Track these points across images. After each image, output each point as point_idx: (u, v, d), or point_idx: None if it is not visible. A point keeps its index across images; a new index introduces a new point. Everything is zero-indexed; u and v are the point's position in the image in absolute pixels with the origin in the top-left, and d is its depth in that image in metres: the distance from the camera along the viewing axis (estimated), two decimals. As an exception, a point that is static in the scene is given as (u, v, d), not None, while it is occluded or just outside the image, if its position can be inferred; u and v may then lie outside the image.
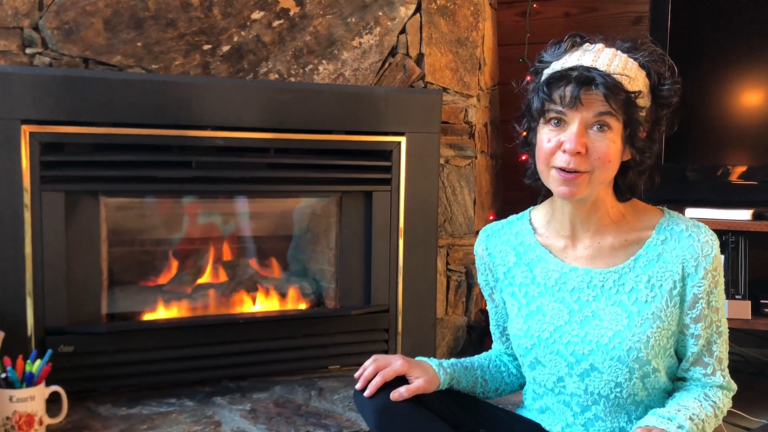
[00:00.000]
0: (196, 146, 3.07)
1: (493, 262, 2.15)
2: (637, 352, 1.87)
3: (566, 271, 2.00)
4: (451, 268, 3.71)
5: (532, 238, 2.08)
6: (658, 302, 1.90)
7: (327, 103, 3.21)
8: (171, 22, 3.14)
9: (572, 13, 4.39)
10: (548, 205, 2.09)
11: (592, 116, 1.81)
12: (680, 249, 1.90)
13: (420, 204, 3.42)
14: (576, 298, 1.97)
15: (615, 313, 1.92)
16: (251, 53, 3.28)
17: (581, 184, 1.84)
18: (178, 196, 3.35)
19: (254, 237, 3.63)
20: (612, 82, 1.80)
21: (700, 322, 1.91)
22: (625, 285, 1.93)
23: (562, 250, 2.03)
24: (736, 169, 3.51)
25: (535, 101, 1.89)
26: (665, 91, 1.89)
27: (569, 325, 1.96)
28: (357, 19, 3.45)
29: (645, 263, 1.93)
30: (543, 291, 2.03)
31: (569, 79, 1.81)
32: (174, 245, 3.48)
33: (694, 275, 1.89)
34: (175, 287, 3.41)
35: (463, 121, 3.66)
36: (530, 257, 2.07)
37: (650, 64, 1.88)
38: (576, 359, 1.94)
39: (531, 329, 2.01)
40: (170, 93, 2.97)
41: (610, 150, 1.82)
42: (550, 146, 1.85)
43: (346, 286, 3.45)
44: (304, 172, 3.25)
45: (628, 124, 1.84)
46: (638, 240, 1.96)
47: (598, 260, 1.98)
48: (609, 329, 1.90)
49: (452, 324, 3.73)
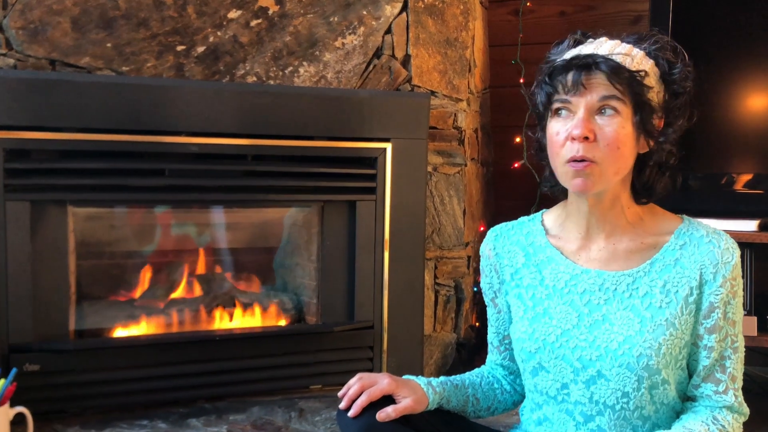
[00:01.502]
0: (170, 153, 3.08)
1: (500, 263, 2.15)
2: (648, 360, 1.87)
3: (577, 273, 2.01)
4: (440, 282, 3.73)
5: (543, 239, 2.10)
6: (672, 309, 1.90)
7: (308, 108, 3.23)
8: (143, 22, 3.16)
9: (568, 11, 4.39)
10: (562, 207, 2.12)
11: (597, 100, 1.84)
12: (699, 255, 1.91)
13: (406, 214, 3.44)
14: (586, 301, 1.98)
15: (627, 318, 1.92)
16: (228, 54, 3.30)
17: (593, 174, 1.85)
18: (151, 206, 3.35)
19: (231, 249, 3.64)
20: (614, 63, 1.83)
21: (715, 333, 1.91)
22: (639, 289, 1.94)
23: (574, 252, 2.04)
24: (741, 177, 3.48)
25: (540, 96, 1.93)
26: (676, 74, 1.91)
27: (577, 329, 1.96)
28: (340, 18, 3.47)
29: (661, 268, 1.94)
30: (551, 293, 2.03)
31: (570, 66, 1.86)
32: (146, 258, 3.48)
33: (712, 282, 1.90)
34: (147, 302, 3.42)
35: (452, 126, 3.68)
36: (540, 258, 2.08)
37: (657, 52, 1.91)
38: (582, 365, 1.94)
39: (536, 332, 2.01)
40: (142, 96, 2.99)
41: (619, 135, 1.84)
42: (559, 138, 1.88)
43: (328, 301, 3.46)
44: (284, 180, 3.27)
45: (637, 108, 1.85)
46: (655, 244, 1.97)
47: (612, 263, 1.99)
48: (619, 334, 1.91)
49: (441, 341, 3.74)
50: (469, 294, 3.82)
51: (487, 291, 2.22)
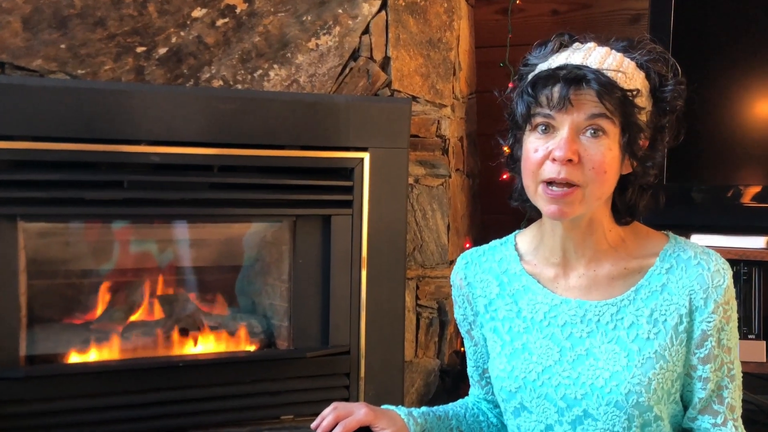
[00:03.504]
0: (129, 163, 3.09)
1: (472, 294, 2.14)
2: (638, 397, 1.85)
3: (557, 304, 1.98)
4: (422, 303, 3.74)
5: (517, 266, 2.08)
6: (661, 340, 1.88)
7: (279, 114, 3.23)
8: (100, 21, 3.17)
9: (561, 10, 4.41)
10: (536, 228, 2.09)
11: (584, 119, 1.81)
12: (687, 279, 1.89)
13: (386, 230, 3.45)
14: (568, 335, 1.95)
15: (612, 352, 1.90)
16: (192, 56, 3.32)
17: (573, 201, 1.83)
18: (108, 221, 3.34)
19: (195, 268, 3.64)
20: (605, 79, 1.80)
21: (710, 363, 1.90)
22: (624, 320, 1.91)
23: (552, 280, 2.02)
24: (748, 189, 3.49)
25: (520, 106, 1.88)
26: (668, 92, 1.90)
27: (560, 366, 1.94)
28: (313, 17, 3.49)
29: (647, 295, 1.92)
30: (530, 326, 2.00)
31: (557, 79, 1.82)
32: (103, 277, 3.47)
33: (703, 309, 1.88)
34: (104, 325, 3.40)
35: (435, 134, 3.70)
36: (515, 287, 2.06)
37: (649, 63, 1.90)
38: (567, 404, 1.92)
39: (515, 370, 1.99)
40: (99, 102, 2.98)
41: (605, 158, 1.81)
42: (537, 156, 1.85)
43: (300, 325, 3.46)
44: (253, 193, 3.28)
45: (626, 128, 1.83)
46: (639, 268, 1.95)
47: (593, 291, 1.96)
48: (605, 370, 1.88)
49: (423, 368, 3.76)
50: (453, 317, 3.74)
51: (462, 323, 2.21)
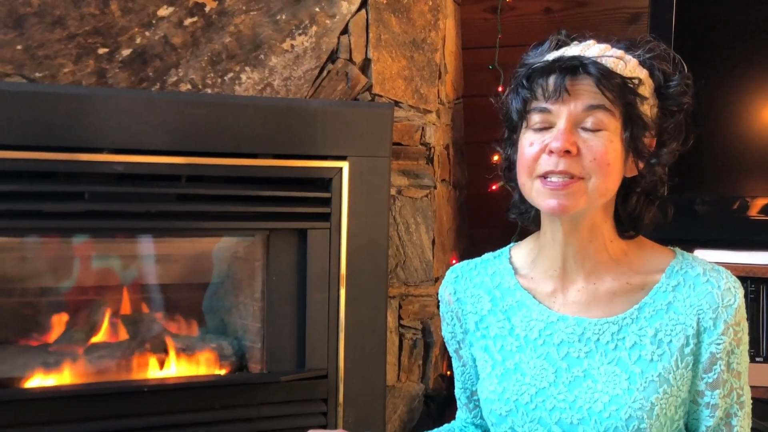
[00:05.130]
0: (90, 173, 3.08)
1: (462, 310, 2.14)
2: (639, 423, 1.84)
3: (553, 321, 1.98)
4: (405, 323, 3.74)
5: (512, 280, 2.08)
6: (666, 362, 1.88)
7: (251, 121, 3.23)
8: (59, 20, 3.17)
9: (554, 8, 4.43)
10: (534, 240, 2.10)
11: (582, 109, 1.82)
12: (695, 297, 1.89)
13: (366, 245, 3.45)
14: (564, 354, 1.95)
15: (612, 374, 1.89)
16: (157, 58, 3.32)
17: (576, 193, 1.83)
18: (68, 235, 3.34)
19: (162, 285, 3.63)
20: (604, 66, 1.82)
21: (718, 388, 1.90)
22: (626, 340, 1.91)
23: (549, 295, 2.02)
24: (756, 201, 3.49)
25: (515, 101, 1.91)
26: (673, 88, 1.91)
27: (555, 388, 1.93)
28: (288, 16, 3.49)
29: (651, 313, 1.92)
30: (523, 345, 2.00)
31: (552, 69, 1.84)
32: (63, 295, 3.46)
33: (711, 330, 1.88)
34: (64, 347, 3.39)
35: (419, 142, 3.71)
36: (509, 303, 2.06)
37: (652, 61, 1.91)
38: (562, 430, 1.91)
39: (507, 392, 1.98)
40: (58, 107, 2.97)
41: (607, 150, 1.82)
42: (532, 150, 1.86)
43: (274, 346, 3.46)
44: (223, 205, 3.27)
45: (627, 121, 1.85)
46: (643, 285, 1.96)
47: (593, 308, 1.97)
48: (604, 393, 1.88)
49: (406, 393, 3.77)
50: (438, 338, 3.82)
51: (450, 341, 2.21)
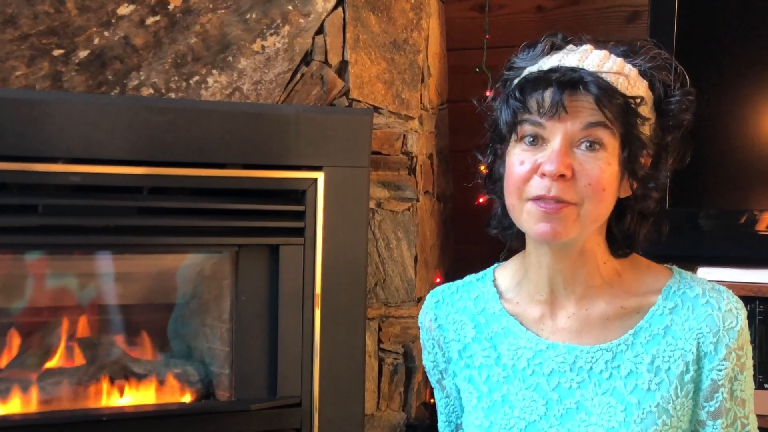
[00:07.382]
0: (44, 185, 3.08)
1: (444, 338, 2.13)
2: None
3: (542, 349, 1.97)
4: (385, 347, 3.75)
5: (497, 305, 2.07)
6: (664, 391, 1.88)
7: (219, 128, 3.23)
8: (10, 19, 3.19)
9: (546, 6, 4.43)
10: (518, 261, 2.10)
11: (580, 128, 1.81)
12: (695, 320, 1.89)
13: (343, 262, 3.45)
14: (555, 385, 1.95)
15: (607, 405, 1.89)
16: (117, 60, 3.33)
17: (567, 219, 1.82)
18: (20, 251, 3.34)
19: (122, 306, 3.62)
20: (605, 84, 1.81)
21: (720, 417, 1.90)
22: (621, 368, 1.91)
23: (537, 321, 2.01)
24: (764, 215, 3.49)
25: (505, 113, 1.88)
26: (674, 104, 1.91)
27: (546, 421, 1.93)
28: (259, 14, 3.51)
29: (648, 339, 1.92)
30: (511, 375, 2.00)
31: (549, 82, 1.82)
32: (14, 317, 3.46)
33: (712, 355, 1.88)
34: (15, 373, 3.38)
35: (400, 151, 3.72)
36: (494, 330, 2.05)
37: (653, 71, 1.91)
38: None
39: (494, 426, 1.98)
40: (9, 113, 2.98)
41: (604, 174, 1.82)
42: (523, 170, 1.85)
43: (244, 372, 3.45)
44: (189, 219, 3.28)
45: (626, 141, 1.84)
46: (639, 307, 1.95)
47: (585, 334, 1.96)
48: (599, 426, 1.88)
49: (386, 422, 3.77)
50: (421, 363, 3.75)
51: (432, 371, 2.21)
